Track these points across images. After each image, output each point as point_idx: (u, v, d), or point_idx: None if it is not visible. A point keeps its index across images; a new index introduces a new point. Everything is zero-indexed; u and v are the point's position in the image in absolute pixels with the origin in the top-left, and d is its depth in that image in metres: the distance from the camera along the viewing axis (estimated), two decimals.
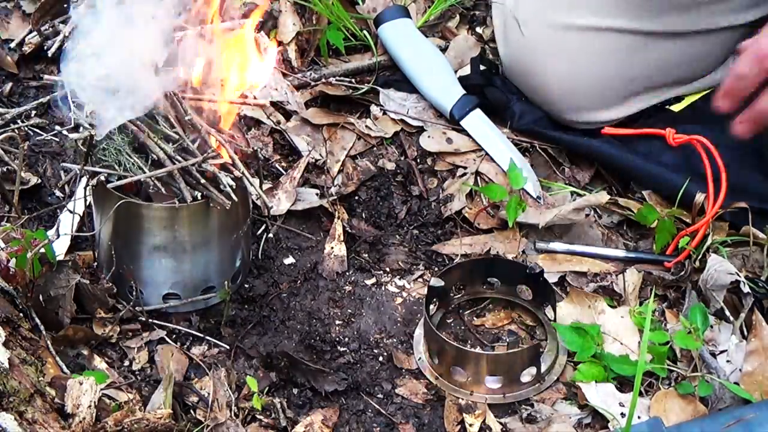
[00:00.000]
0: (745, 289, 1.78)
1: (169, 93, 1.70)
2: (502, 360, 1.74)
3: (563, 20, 2.00)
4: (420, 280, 1.93)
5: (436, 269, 1.93)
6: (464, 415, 1.71)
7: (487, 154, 2.09)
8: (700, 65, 2.07)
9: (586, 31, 1.99)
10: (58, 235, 1.85)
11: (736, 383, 1.69)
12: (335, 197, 2.02)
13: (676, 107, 2.08)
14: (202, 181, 1.71)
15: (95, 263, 1.84)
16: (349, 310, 1.87)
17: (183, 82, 1.74)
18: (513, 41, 2.08)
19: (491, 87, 2.13)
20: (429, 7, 2.33)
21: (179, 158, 1.71)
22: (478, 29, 2.31)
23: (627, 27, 1.98)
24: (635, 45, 1.99)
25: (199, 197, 1.72)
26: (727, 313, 1.79)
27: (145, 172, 1.70)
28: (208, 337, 1.81)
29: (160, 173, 1.69)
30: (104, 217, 1.75)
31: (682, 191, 1.92)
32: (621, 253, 1.94)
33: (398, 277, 1.93)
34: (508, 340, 1.81)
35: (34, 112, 2.10)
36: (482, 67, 2.16)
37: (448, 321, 1.88)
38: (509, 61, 2.11)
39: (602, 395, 1.70)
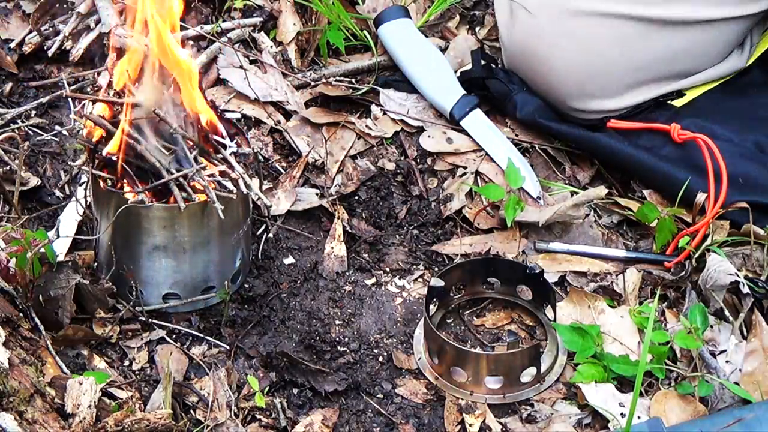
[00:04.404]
0: (745, 289, 1.78)
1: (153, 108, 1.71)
2: (502, 360, 1.74)
3: (571, 5, 2.00)
4: (420, 280, 1.93)
5: (436, 269, 1.93)
6: (464, 415, 1.71)
7: (486, 154, 2.09)
8: (705, 57, 2.07)
9: (593, 17, 1.99)
10: (58, 235, 1.85)
11: (736, 383, 1.69)
12: (335, 197, 2.02)
13: (677, 102, 2.08)
14: (194, 195, 1.71)
15: (95, 263, 1.84)
16: (349, 310, 1.87)
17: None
18: (519, 28, 2.08)
19: (493, 79, 2.13)
20: (429, 7, 2.33)
21: (173, 170, 1.71)
22: (478, 29, 2.31)
23: (634, 13, 1.98)
24: (641, 32, 1.99)
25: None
26: (727, 313, 1.79)
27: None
28: (208, 337, 1.81)
29: (153, 186, 1.70)
30: (105, 218, 1.76)
31: (683, 188, 1.92)
32: (621, 253, 1.94)
33: (398, 277, 1.93)
34: (508, 340, 1.81)
35: (34, 112, 2.10)
36: (483, 62, 2.16)
37: (448, 321, 1.88)
38: (514, 48, 2.11)
39: (602, 395, 1.70)
